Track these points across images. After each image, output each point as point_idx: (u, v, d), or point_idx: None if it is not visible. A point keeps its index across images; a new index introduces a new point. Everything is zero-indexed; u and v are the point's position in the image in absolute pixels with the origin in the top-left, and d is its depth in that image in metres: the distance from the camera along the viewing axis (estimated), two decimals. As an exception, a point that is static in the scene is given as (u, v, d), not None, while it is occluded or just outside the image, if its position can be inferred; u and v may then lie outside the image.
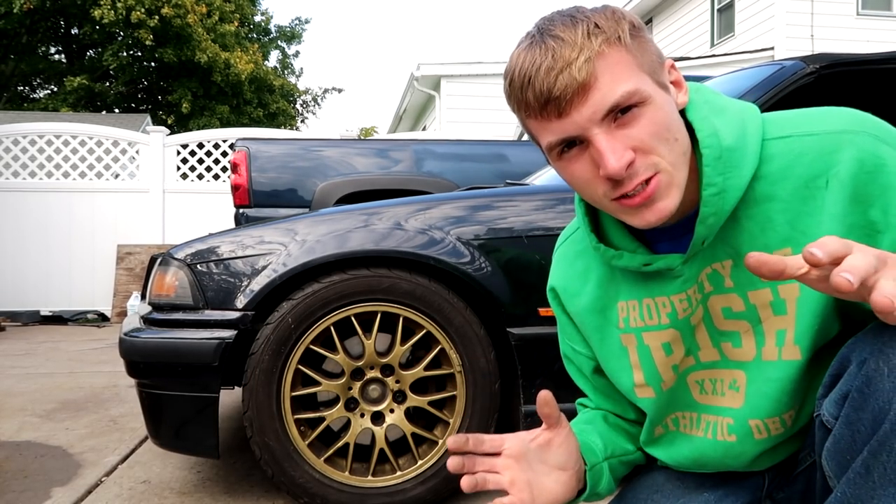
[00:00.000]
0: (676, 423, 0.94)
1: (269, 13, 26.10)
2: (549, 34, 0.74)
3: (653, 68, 0.76)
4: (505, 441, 0.80)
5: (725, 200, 0.77)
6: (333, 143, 4.06)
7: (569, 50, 0.72)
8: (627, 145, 0.73)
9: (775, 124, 0.82)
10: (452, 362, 1.71)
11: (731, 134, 0.79)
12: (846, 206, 0.75)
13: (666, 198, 0.75)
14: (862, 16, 10.59)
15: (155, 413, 1.74)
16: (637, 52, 0.74)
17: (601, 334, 0.94)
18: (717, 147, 0.77)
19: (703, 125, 0.79)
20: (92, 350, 4.75)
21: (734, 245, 0.81)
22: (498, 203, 1.80)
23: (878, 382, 0.67)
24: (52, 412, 2.91)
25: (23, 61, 17.84)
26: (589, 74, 0.72)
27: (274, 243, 1.71)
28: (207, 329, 1.67)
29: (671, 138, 0.75)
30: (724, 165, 0.77)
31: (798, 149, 0.78)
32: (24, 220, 6.50)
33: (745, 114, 0.82)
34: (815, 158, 0.77)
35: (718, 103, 0.82)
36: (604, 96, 0.72)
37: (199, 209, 6.72)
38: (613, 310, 0.92)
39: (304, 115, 22.16)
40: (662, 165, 0.75)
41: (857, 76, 2.41)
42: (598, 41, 0.72)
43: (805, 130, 0.79)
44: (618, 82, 0.72)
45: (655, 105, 0.74)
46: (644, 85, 0.73)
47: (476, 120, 10.68)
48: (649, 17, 14.05)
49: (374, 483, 1.71)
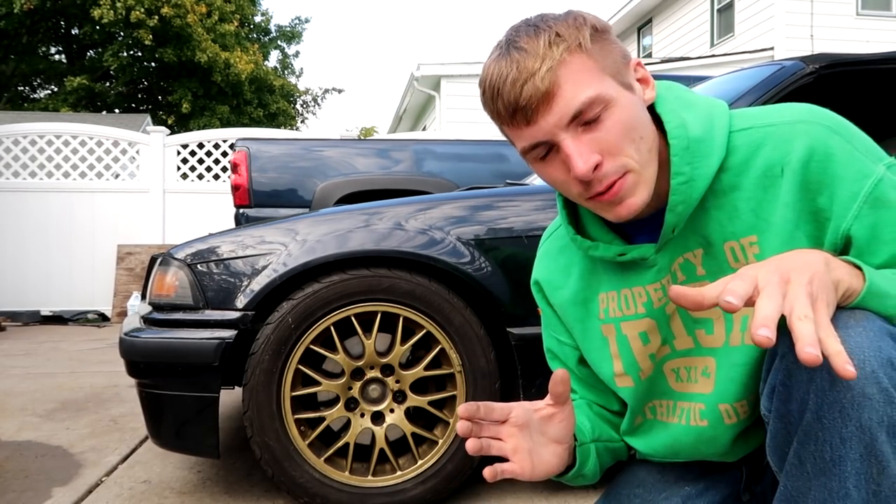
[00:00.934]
0: (654, 412, 0.96)
1: (269, 13, 26.09)
2: (514, 46, 0.77)
3: (616, 69, 0.78)
4: (512, 410, 0.84)
5: (694, 188, 0.81)
6: (333, 143, 4.06)
7: (531, 60, 0.75)
8: (594, 149, 0.77)
9: (740, 117, 0.85)
10: (452, 362, 1.71)
11: (699, 125, 0.82)
12: (797, 194, 0.79)
13: (634, 195, 0.79)
14: (862, 16, 10.59)
15: (155, 413, 1.74)
16: (599, 56, 0.77)
17: (583, 326, 0.97)
18: (684, 137, 0.81)
19: (672, 117, 0.82)
20: (92, 350, 4.75)
21: (704, 234, 0.84)
22: (498, 203, 1.80)
23: (797, 374, 0.70)
24: (53, 412, 2.91)
25: (23, 61, 17.84)
26: (552, 83, 0.75)
27: (274, 243, 1.71)
28: (207, 329, 1.67)
29: (637, 137, 0.78)
30: (692, 155, 0.81)
31: (758, 140, 0.82)
32: (24, 220, 6.50)
33: (712, 108, 0.85)
34: (773, 148, 0.81)
35: (687, 98, 0.85)
36: (567, 103, 0.75)
37: (199, 209, 6.72)
38: (595, 301, 0.95)
39: (304, 116, 22.16)
40: (631, 165, 0.78)
41: (856, 76, 2.41)
42: (559, 50, 0.75)
43: (764, 122, 0.83)
44: (580, 89, 0.75)
45: (619, 106, 0.77)
46: (606, 88, 0.76)
47: (476, 120, 10.66)
48: (649, 18, 14.04)
49: (374, 483, 1.71)
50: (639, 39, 14.73)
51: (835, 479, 0.69)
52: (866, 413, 0.66)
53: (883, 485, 0.67)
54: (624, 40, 15.12)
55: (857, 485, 0.68)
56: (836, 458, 0.68)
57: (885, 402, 0.66)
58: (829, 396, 0.68)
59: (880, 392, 0.66)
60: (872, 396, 0.66)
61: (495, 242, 1.73)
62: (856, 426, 0.67)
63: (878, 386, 0.66)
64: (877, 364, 0.67)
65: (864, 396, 0.66)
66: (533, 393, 1.71)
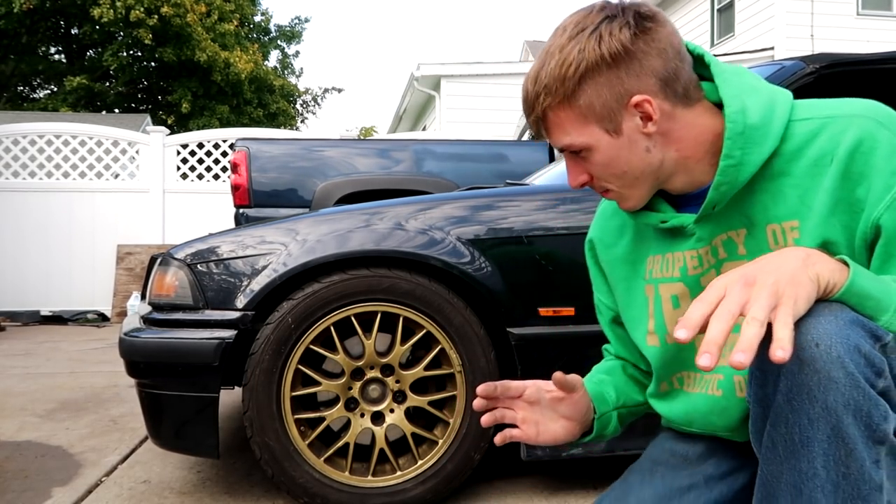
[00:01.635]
0: (682, 382, 1.01)
1: (269, 13, 26.07)
2: (527, 76, 0.90)
3: (604, 115, 0.86)
4: (526, 388, 0.94)
5: (741, 172, 0.85)
6: (333, 143, 4.06)
7: (530, 98, 0.89)
8: (583, 170, 0.91)
9: (803, 108, 0.89)
10: (452, 362, 1.71)
11: (758, 112, 0.86)
12: (837, 182, 0.82)
13: (626, 201, 0.93)
14: (862, 16, 10.59)
15: (155, 413, 1.74)
16: (585, 105, 0.86)
17: (627, 284, 1.04)
18: (741, 123, 0.85)
19: (733, 101, 0.86)
20: (92, 350, 4.75)
21: (748, 214, 0.89)
22: (498, 203, 1.80)
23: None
24: (53, 412, 2.91)
25: (23, 61, 17.84)
26: (541, 126, 0.91)
27: (274, 243, 1.71)
28: (207, 329, 1.67)
29: (619, 172, 0.89)
30: (746, 140, 0.85)
31: (815, 129, 0.85)
32: (24, 220, 6.50)
33: (776, 96, 0.88)
34: (827, 139, 0.84)
35: (752, 84, 0.89)
36: (555, 141, 0.90)
37: (199, 209, 6.72)
38: (643, 263, 1.02)
39: (304, 115, 22.15)
40: (612, 188, 0.91)
41: (857, 76, 2.41)
42: (545, 103, 0.87)
43: (824, 114, 0.86)
44: (561, 135, 0.89)
45: (598, 150, 0.88)
46: (584, 137, 0.87)
47: (476, 120, 10.67)
48: (649, 17, 14.02)
49: (374, 483, 1.71)
50: (639, 39, 14.71)
51: (804, 460, 0.72)
52: (832, 396, 0.69)
53: (852, 468, 0.70)
54: (624, 40, 15.08)
55: (826, 465, 0.71)
56: (804, 440, 0.71)
57: (851, 386, 0.69)
58: (797, 379, 0.71)
59: (846, 376, 0.69)
60: (838, 380, 0.69)
61: (495, 242, 1.73)
62: (822, 408, 0.70)
63: (844, 370, 0.69)
64: (843, 349, 0.69)
65: (830, 380, 0.69)
66: (533, 393, 1.71)
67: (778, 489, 0.75)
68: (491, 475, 1.99)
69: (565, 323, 1.69)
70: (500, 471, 2.02)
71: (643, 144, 0.88)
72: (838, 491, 0.71)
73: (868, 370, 0.71)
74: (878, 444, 0.71)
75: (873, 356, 0.71)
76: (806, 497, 0.72)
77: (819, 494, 0.72)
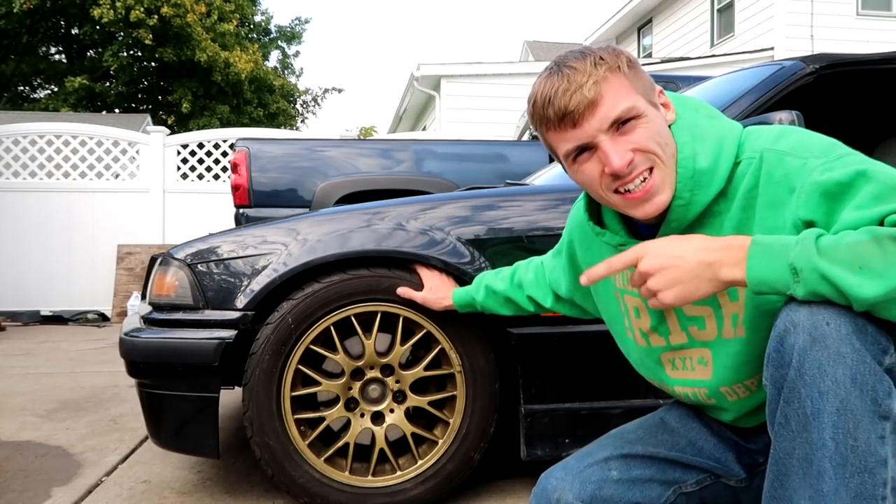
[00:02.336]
0: (669, 384, 1.14)
1: (269, 13, 26.08)
2: (565, 65, 0.95)
3: (646, 92, 0.97)
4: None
5: (689, 211, 0.97)
6: (333, 143, 4.06)
7: (580, 76, 0.93)
8: (627, 148, 0.94)
9: (749, 143, 0.98)
10: (452, 362, 1.71)
11: (707, 159, 0.96)
12: (763, 211, 0.93)
13: (662, 193, 0.96)
14: (862, 16, 10.59)
15: (155, 413, 1.74)
16: (633, 79, 0.96)
17: (604, 286, 1.18)
18: (691, 168, 0.96)
19: (685, 148, 0.97)
20: (92, 350, 4.75)
21: None
22: (498, 203, 1.80)
23: (788, 338, 0.80)
24: (53, 412, 2.91)
25: (23, 61, 17.84)
26: (596, 94, 0.93)
27: (274, 243, 1.71)
28: (207, 329, 1.67)
29: (662, 143, 0.95)
30: (695, 184, 0.96)
31: (744, 169, 0.96)
32: (24, 220, 6.49)
33: (724, 141, 0.98)
34: (750, 176, 0.95)
35: (702, 128, 1.00)
36: (608, 111, 0.93)
37: (199, 209, 6.72)
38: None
39: (304, 115, 22.15)
40: (657, 161, 0.95)
41: (857, 76, 2.41)
42: (602, 69, 0.93)
43: (748, 155, 0.97)
44: (619, 100, 0.93)
45: (648, 118, 0.95)
46: (639, 103, 0.94)
47: (476, 120, 10.67)
48: (649, 18, 14.04)
49: (374, 483, 1.71)
50: (639, 39, 14.72)
51: (814, 432, 0.77)
52: (840, 370, 0.76)
53: (860, 440, 0.76)
54: (624, 40, 15.12)
55: (835, 437, 0.76)
56: (815, 412, 0.77)
57: (858, 361, 0.76)
58: (809, 355, 0.77)
59: (853, 352, 0.76)
60: (846, 355, 0.76)
61: (496, 242, 1.73)
62: (832, 381, 0.76)
63: (852, 346, 0.76)
64: (851, 328, 0.77)
65: (840, 355, 0.76)
66: (533, 393, 1.71)
67: (790, 465, 0.79)
68: (491, 475, 1.99)
69: (565, 323, 1.69)
70: (500, 471, 2.02)
71: (668, 130, 0.98)
72: (846, 464, 0.76)
73: (875, 347, 0.77)
74: (883, 419, 0.76)
75: (879, 335, 0.78)
76: (816, 468, 0.77)
77: (828, 464, 0.76)
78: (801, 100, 2.54)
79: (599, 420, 1.72)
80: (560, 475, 1.10)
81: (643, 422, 1.18)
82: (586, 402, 1.74)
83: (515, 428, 1.77)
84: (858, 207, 0.80)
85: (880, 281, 0.74)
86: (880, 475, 0.76)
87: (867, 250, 0.74)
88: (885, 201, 0.78)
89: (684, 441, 1.12)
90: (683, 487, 1.09)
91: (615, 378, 1.74)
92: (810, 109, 2.63)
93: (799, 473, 0.78)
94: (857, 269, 0.75)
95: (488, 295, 1.49)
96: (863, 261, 0.74)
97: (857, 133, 2.77)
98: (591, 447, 1.15)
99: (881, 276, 0.74)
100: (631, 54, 0.99)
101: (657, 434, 1.13)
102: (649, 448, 1.10)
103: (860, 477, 0.76)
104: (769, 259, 0.81)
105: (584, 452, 1.14)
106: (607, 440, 1.15)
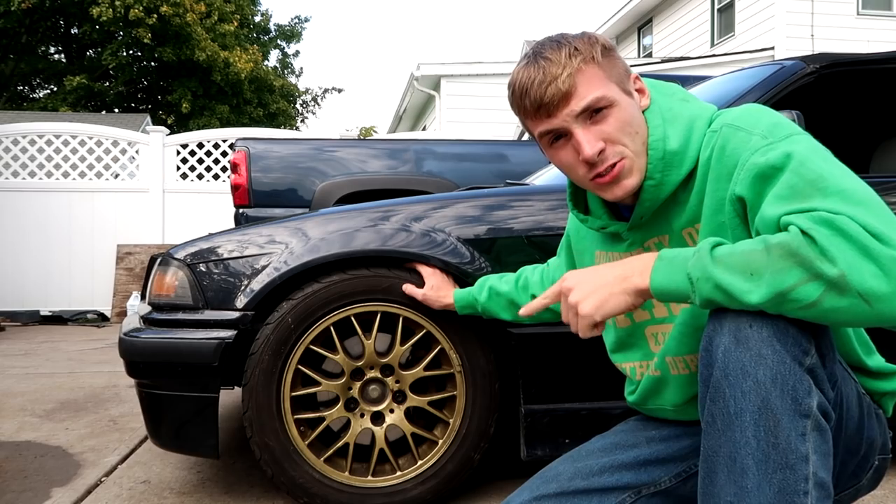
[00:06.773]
0: (633, 372, 1.18)
1: (269, 13, 26.06)
2: (541, 56, 0.98)
3: (620, 79, 1.00)
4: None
5: (660, 191, 1.01)
6: (333, 143, 4.05)
7: (555, 67, 0.96)
8: (599, 137, 0.98)
9: (714, 124, 1.01)
10: (452, 362, 1.71)
11: (677, 140, 1.00)
12: (714, 184, 0.96)
13: (629, 177, 1.00)
14: (862, 16, 10.59)
15: (155, 413, 1.74)
16: (607, 67, 0.99)
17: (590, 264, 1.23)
18: (661, 150, 1.00)
19: (656, 131, 1.01)
20: (92, 350, 4.75)
21: (669, 222, 1.04)
22: (498, 203, 1.80)
23: (715, 338, 0.84)
24: (52, 412, 2.91)
25: (22, 61, 17.83)
26: (570, 86, 0.96)
27: (274, 243, 1.71)
28: (207, 329, 1.67)
29: (633, 132, 0.99)
30: (665, 164, 1.00)
31: (708, 143, 0.99)
32: (24, 220, 6.49)
33: (695, 122, 1.01)
34: (708, 152, 0.98)
35: (674, 111, 1.03)
36: (581, 100, 0.97)
37: (199, 209, 6.72)
38: (593, 255, 1.22)
39: (304, 115, 22.15)
40: (627, 153, 0.99)
41: (857, 76, 2.41)
42: (577, 60, 0.97)
43: (715, 126, 1.00)
44: (591, 90, 0.97)
45: (620, 107, 0.98)
46: (611, 92, 0.98)
47: (476, 120, 10.67)
48: (649, 17, 14.04)
49: (374, 483, 1.71)
50: (639, 39, 14.72)
51: (738, 430, 0.80)
52: (762, 371, 0.79)
53: (780, 437, 0.79)
54: (624, 40, 15.12)
55: (757, 435, 0.79)
56: (738, 411, 0.80)
57: (778, 362, 0.79)
58: (733, 356, 0.81)
59: (774, 353, 0.80)
60: (767, 357, 0.80)
61: (496, 242, 1.73)
62: (753, 381, 0.79)
63: (773, 348, 0.80)
64: (772, 330, 0.80)
65: (761, 356, 0.80)
66: (533, 393, 1.71)
67: (717, 462, 0.82)
68: (491, 475, 1.99)
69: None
70: (500, 471, 2.02)
71: (641, 116, 1.02)
72: (768, 460, 0.79)
73: (795, 348, 0.81)
74: (803, 417, 0.79)
75: (800, 336, 0.81)
76: (739, 465, 0.80)
77: (750, 461, 0.79)
78: (802, 100, 2.54)
79: (599, 420, 1.71)
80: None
81: (567, 456, 1.19)
82: (586, 402, 1.73)
83: (515, 428, 1.77)
84: (774, 199, 0.84)
85: (765, 287, 0.78)
86: (802, 471, 0.79)
87: (758, 258, 0.79)
88: (796, 197, 0.82)
89: (598, 465, 1.12)
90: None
91: (615, 378, 1.73)
92: (810, 109, 2.63)
93: (724, 470, 0.81)
94: (749, 275, 0.79)
95: (491, 296, 1.49)
96: (753, 268, 0.79)
97: (857, 133, 2.77)
98: (516, 493, 1.16)
99: (766, 283, 0.78)
100: (607, 40, 1.02)
101: (574, 463, 1.14)
102: (563, 484, 1.11)
103: (782, 473, 0.78)
104: (670, 270, 0.86)
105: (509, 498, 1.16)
106: (529, 483, 1.16)
